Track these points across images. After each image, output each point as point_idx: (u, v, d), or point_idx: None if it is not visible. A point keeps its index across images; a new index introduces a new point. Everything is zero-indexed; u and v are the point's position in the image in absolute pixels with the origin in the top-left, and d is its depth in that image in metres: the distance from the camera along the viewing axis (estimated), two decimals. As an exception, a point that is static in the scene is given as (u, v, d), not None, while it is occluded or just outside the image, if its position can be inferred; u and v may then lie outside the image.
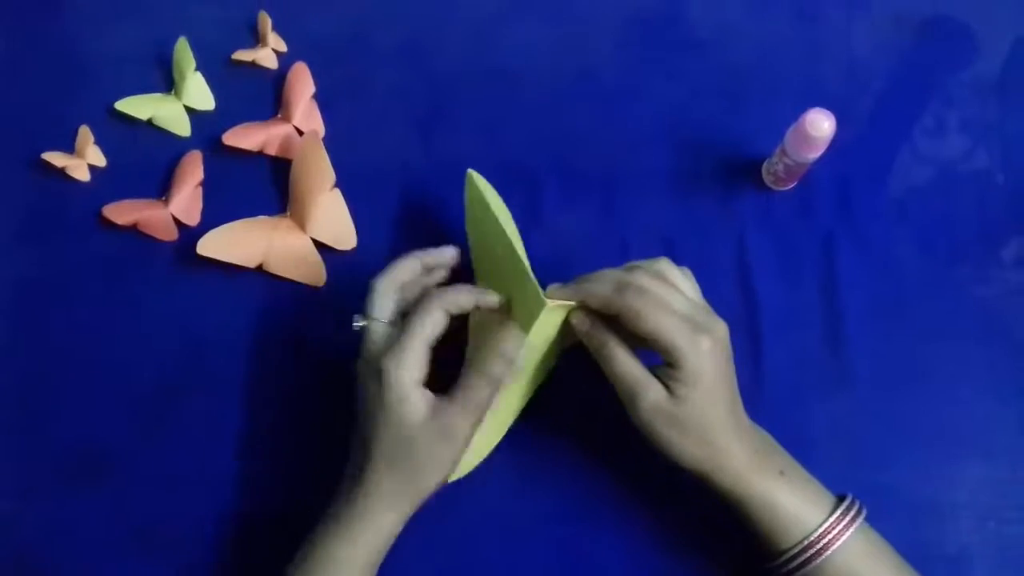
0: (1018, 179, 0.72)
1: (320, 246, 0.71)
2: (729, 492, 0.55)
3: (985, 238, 0.71)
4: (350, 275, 0.71)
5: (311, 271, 0.71)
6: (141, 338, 0.71)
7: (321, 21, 0.78)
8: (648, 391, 0.54)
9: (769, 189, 0.71)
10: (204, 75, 0.77)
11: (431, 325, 0.56)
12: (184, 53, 0.76)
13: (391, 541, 0.57)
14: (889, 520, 0.56)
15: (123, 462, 0.68)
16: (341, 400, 0.60)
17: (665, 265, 0.58)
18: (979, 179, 0.72)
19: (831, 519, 0.54)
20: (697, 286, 0.59)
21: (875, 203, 0.71)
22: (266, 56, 0.76)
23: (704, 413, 0.54)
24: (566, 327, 0.58)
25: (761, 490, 0.54)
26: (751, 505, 0.55)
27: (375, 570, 0.58)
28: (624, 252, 0.70)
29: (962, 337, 0.68)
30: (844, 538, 0.53)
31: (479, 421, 0.56)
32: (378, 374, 0.55)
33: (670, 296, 0.55)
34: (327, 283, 0.71)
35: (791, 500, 0.54)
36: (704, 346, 0.53)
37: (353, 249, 0.72)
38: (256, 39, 0.78)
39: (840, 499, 0.56)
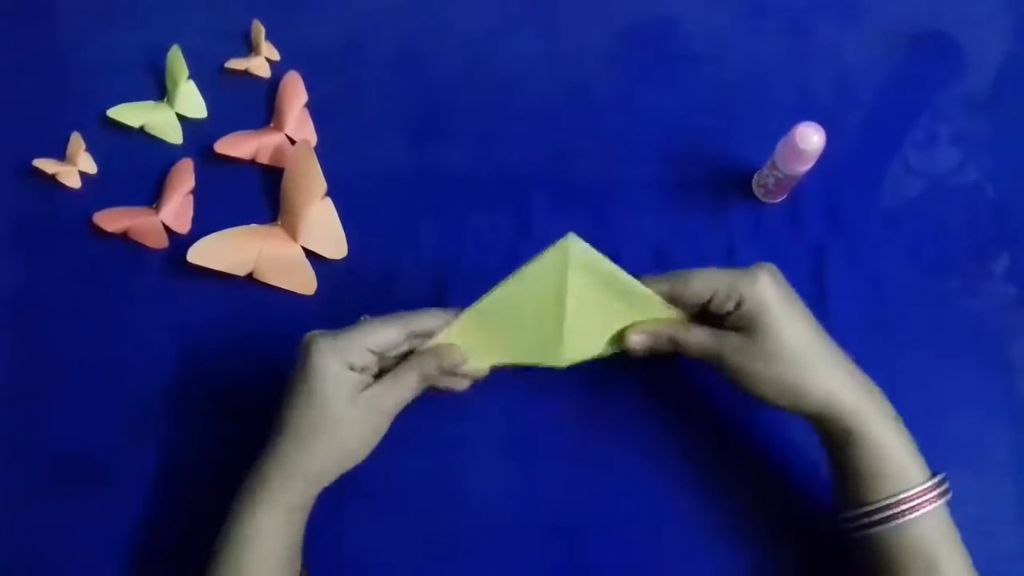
0: (1008, 192, 0.72)
1: (311, 255, 0.71)
2: (840, 425, 0.54)
3: (975, 251, 0.71)
4: (341, 284, 0.71)
5: (302, 279, 0.71)
6: (131, 345, 0.71)
7: (314, 31, 0.79)
8: (727, 340, 0.55)
9: (760, 202, 0.71)
10: (197, 83, 0.77)
11: (380, 334, 0.56)
12: (177, 61, 0.76)
13: (306, 510, 0.58)
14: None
15: (113, 469, 0.68)
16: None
17: None
18: (969, 192, 0.72)
19: (931, 481, 0.53)
20: None
21: (865, 216, 0.71)
22: (259, 65, 0.77)
23: (789, 337, 0.54)
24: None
25: (878, 432, 0.53)
26: (862, 444, 0.53)
27: (291, 541, 0.57)
28: (615, 263, 0.70)
29: (951, 349, 0.68)
30: (935, 505, 0.53)
31: (401, 404, 0.57)
32: (307, 350, 0.55)
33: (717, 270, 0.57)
34: (318, 292, 0.71)
35: (904, 450, 0.54)
36: (761, 276, 0.54)
37: (344, 258, 0.72)
38: (249, 48, 0.78)
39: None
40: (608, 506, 0.65)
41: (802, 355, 0.54)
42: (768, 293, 0.54)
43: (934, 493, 0.53)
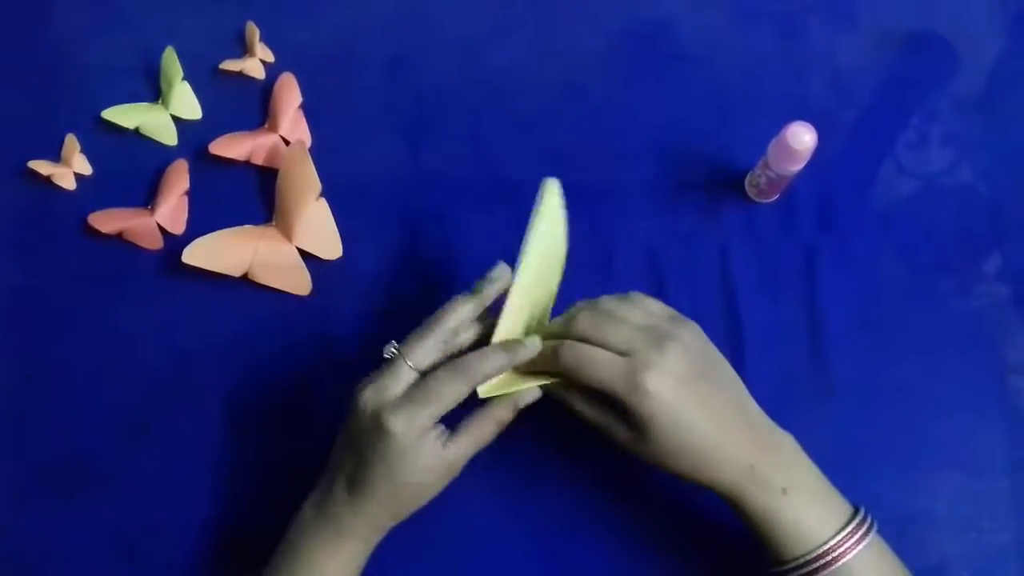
0: (1000, 192, 0.72)
1: (306, 255, 0.71)
2: (730, 503, 0.55)
3: (968, 251, 0.71)
4: (336, 284, 0.71)
5: (296, 280, 0.71)
6: (126, 346, 0.71)
7: (309, 32, 0.79)
8: (616, 434, 0.55)
9: (753, 201, 0.71)
10: (191, 85, 0.77)
11: (452, 396, 0.55)
12: (171, 63, 0.76)
13: (372, 548, 0.58)
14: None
15: (108, 470, 0.68)
16: (326, 409, 0.60)
17: (607, 300, 0.58)
18: (962, 193, 0.72)
19: (837, 537, 0.52)
20: (656, 302, 0.58)
21: (858, 216, 0.71)
22: (253, 66, 0.77)
23: (676, 441, 0.53)
24: None
25: (757, 507, 0.53)
26: (749, 520, 0.54)
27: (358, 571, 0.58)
28: (609, 264, 0.71)
29: (944, 349, 0.68)
30: (852, 555, 0.52)
31: (474, 453, 0.57)
32: (380, 425, 0.54)
33: (611, 334, 0.54)
34: (312, 292, 0.71)
35: (789, 519, 0.53)
36: (648, 384, 0.52)
37: (339, 259, 0.72)
38: (244, 49, 0.78)
39: (854, 512, 0.54)
40: (591, 510, 0.65)
41: (693, 453, 0.53)
42: (655, 402, 0.52)
43: (848, 543, 0.52)
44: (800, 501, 0.53)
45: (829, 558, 0.52)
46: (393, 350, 0.57)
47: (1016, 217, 0.72)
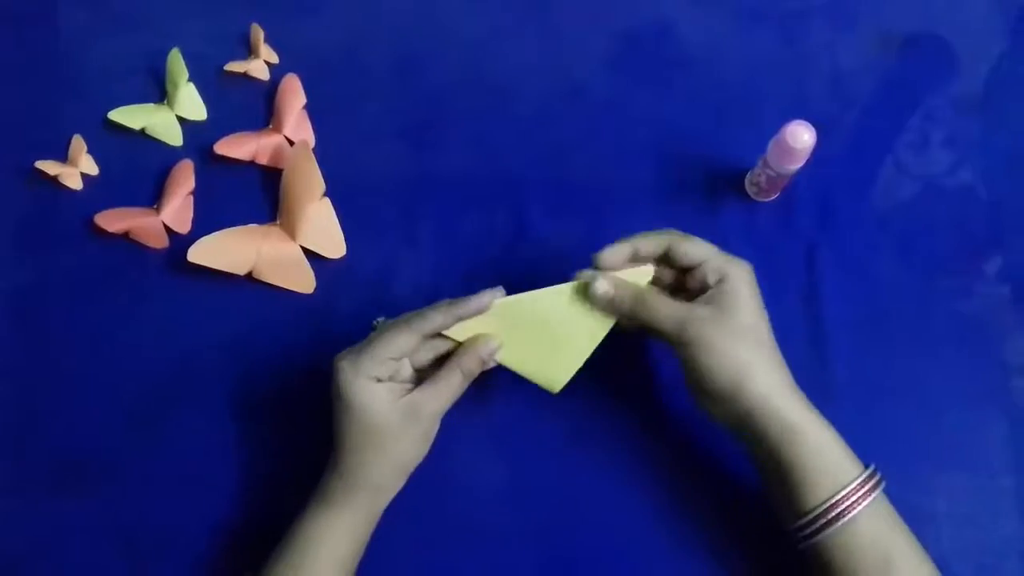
0: (1001, 193, 0.73)
1: (310, 254, 0.72)
2: (778, 422, 0.55)
3: (968, 252, 0.71)
4: (339, 283, 0.72)
5: (301, 279, 0.71)
6: (132, 345, 0.71)
7: (313, 33, 0.79)
8: (695, 309, 0.57)
9: (753, 201, 0.72)
10: (197, 86, 0.77)
11: (396, 343, 0.58)
12: (177, 64, 0.77)
13: (371, 524, 0.60)
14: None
15: (112, 468, 0.68)
16: (330, 407, 0.60)
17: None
18: (962, 194, 0.73)
19: (866, 474, 0.54)
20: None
21: (858, 216, 0.72)
22: (258, 68, 0.77)
23: (754, 322, 0.57)
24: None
25: (815, 428, 0.55)
26: (802, 441, 0.54)
27: (358, 548, 0.60)
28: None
29: (944, 349, 0.68)
30: (873, 496, 0.53)
31: (446, 405, 0.59)
32: (335, 371, 0.58)
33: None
34: (316, 291, 0.72)
35: (839, 444, 0.55)
36: (747, 265, 0.58)
37: (342, 257, 0.72)
38: (248, 51, 0.79)
39: (865, 465, 0.56)
40: (592, 506, 0.66)
41: (760, 341, 0.57)
42: (748, 280, 0.58)
43: (870, 484, 0.54)
44: (822, 434, 0.55)
45: (865, 489, 0.53)
46: (377, 320, 0.60)
47: (1016, 217, 0.72)
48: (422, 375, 0.60)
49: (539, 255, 0.72)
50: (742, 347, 0.56)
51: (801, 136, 0.62)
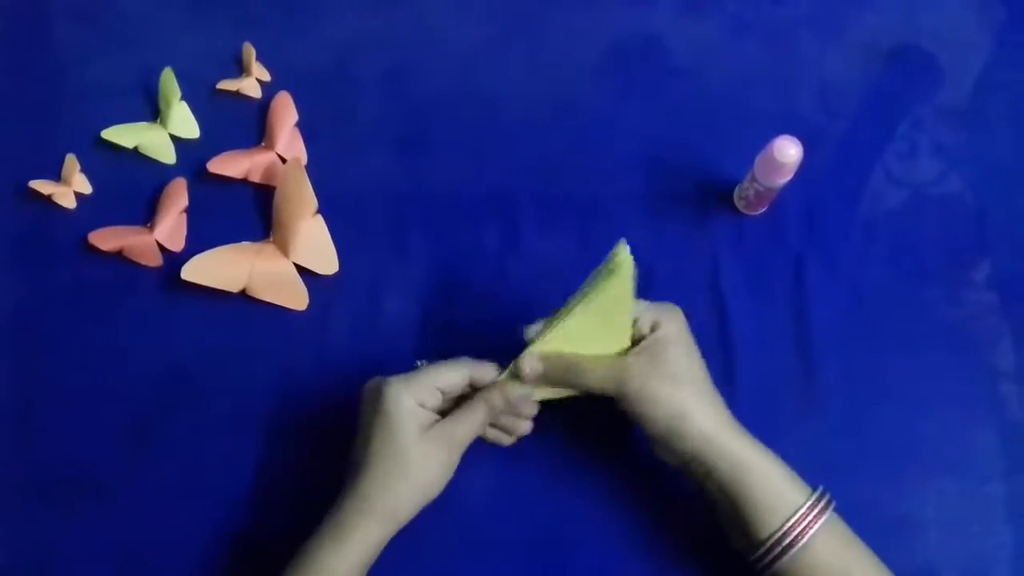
0: (988, 201, 0.73)
1: (303, 271, 0.72)
2: (728, 459, 0.56)
3: (956, 259, 0.72)
4: (332, 299, 0.72)
5: (294, 295, 0.72)
6: (126, 362, 0.71)
7: (304, 52, 0.80)
8: (632, 364, 0.58)
9: (741, 214, 0.72)
10: (189, 104, 0.78)
11: (446, 377, 0.59)
12: (169, 83, 0.77)
13: (377, 552, 0.59)
14: (858, 534, 0.57)
15: (108, 485, 0.68)
16: (324, 422, 0.60)
17: None
18: (950, 202, 0.73)
19: (814, 497, 0.55)
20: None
21: (846, 226, 0.72)
22: (250, 86, 0.78)
23: (690, 366, 0.58)
24: None
25: (731, 462, 0.56)
26: (751, 472, 0.55)
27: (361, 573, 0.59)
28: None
29: (932, 357, 0.69)
30: (825, 517, 0.55)
31: (471, 437, 0.59)
32: (379, 390, 0.58)
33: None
34: (310, 307, 0.72)
35: (783, 473, 0.56)
36: (674, 310, 0.60)
37: (335, 274, 0.73)
38: (240, 69, 0.80)
39: (812, 489, 0.57)
40: (589, 518, 0.66)
41: (696, 383, 0.58)
42: (679, 323, 0.59)
43: (819, 507, 0.55)
44: (767, 466, 0.56)
45: (815, 511, 0.55)
46: (420, 362, 0.61)
47: (1003, 224, 0.73)
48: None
49: (530, 266, 0.72)
50: (679, 391, 0.57)
51: (788, 151, 0.62)
